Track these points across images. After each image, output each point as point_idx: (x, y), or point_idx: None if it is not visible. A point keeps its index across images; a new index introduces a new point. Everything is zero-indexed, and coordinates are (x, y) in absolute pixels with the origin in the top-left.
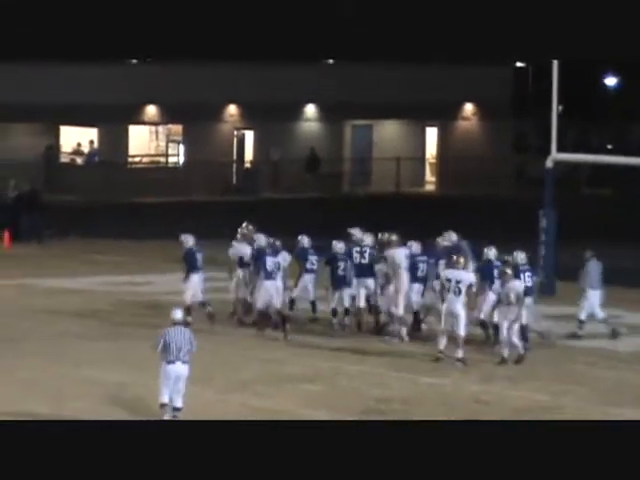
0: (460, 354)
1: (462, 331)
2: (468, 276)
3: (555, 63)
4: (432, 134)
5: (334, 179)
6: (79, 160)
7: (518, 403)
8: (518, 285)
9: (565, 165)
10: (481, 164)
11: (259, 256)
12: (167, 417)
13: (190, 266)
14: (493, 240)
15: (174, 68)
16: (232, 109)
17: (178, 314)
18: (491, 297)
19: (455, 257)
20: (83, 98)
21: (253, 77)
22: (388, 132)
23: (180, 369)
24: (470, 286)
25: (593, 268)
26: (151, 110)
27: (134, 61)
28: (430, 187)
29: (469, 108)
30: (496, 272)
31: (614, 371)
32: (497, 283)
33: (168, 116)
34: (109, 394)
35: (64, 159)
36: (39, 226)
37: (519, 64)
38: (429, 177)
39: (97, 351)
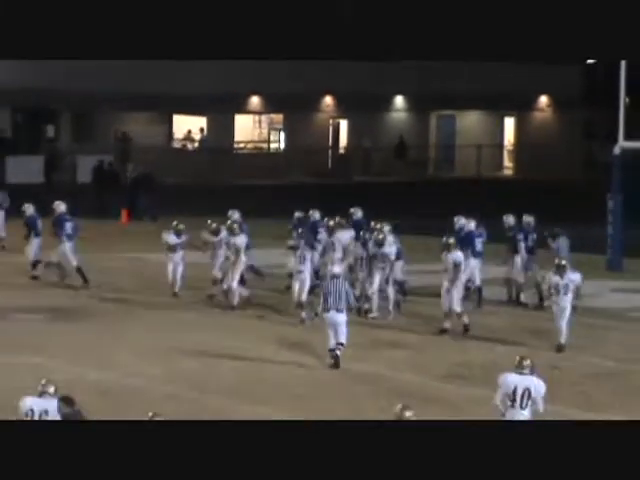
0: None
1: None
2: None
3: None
4: (510, 124)
5: (421, 164)
6: (189, 146)
7: (587, 369)
8: (578, 277)
9: (634, 152)
10: (555, 151)
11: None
12: (329, 361)
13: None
14: (563, 220)
15: (276, 62)
16: (328, 100)
17: (336, 269)
18: (472, 263)
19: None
20: (194, 89)
21: (348, 70)
22: (470, 121)
23: (335, 316)
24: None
25: (562, 245)
26: (255, 100)
27: None
28: (508, 172)
29: (544, 100)
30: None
31: None
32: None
33: (270, 106)
34: (215, 357)
35: (176, 145)
36: (154, 206)
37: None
38: (507, 163)
39: (206, 319)
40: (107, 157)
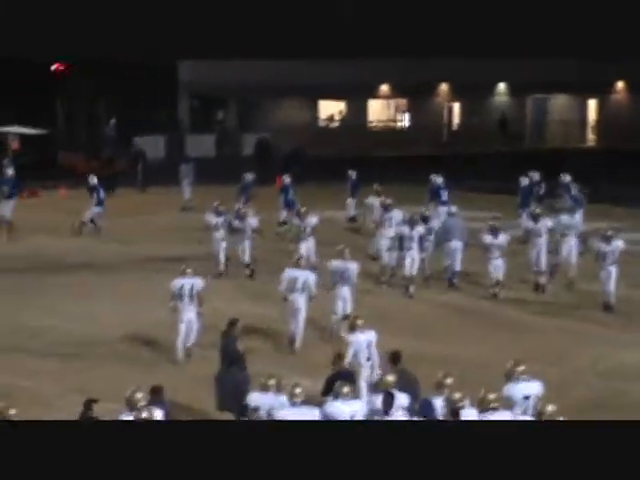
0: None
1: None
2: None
3: None
4: (592, 104)
5: (519, 138)
6: (332, 125)
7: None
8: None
9: None
10: (628, 125)
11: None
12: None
13: None
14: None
15: (403, 57)
16: (444, 87)
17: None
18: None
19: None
20: (335, 79)
21: (460, 63)
22: (559, 103)
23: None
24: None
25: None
26: (385, 88)
27: None
28: (591, 143)
29: (620, 85)
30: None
31: None
32: None
33: (397, 92)
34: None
35: (321, 124)
36: (303, 173)
37: None
38: (590, 136)
39: None
40: (266, 134)
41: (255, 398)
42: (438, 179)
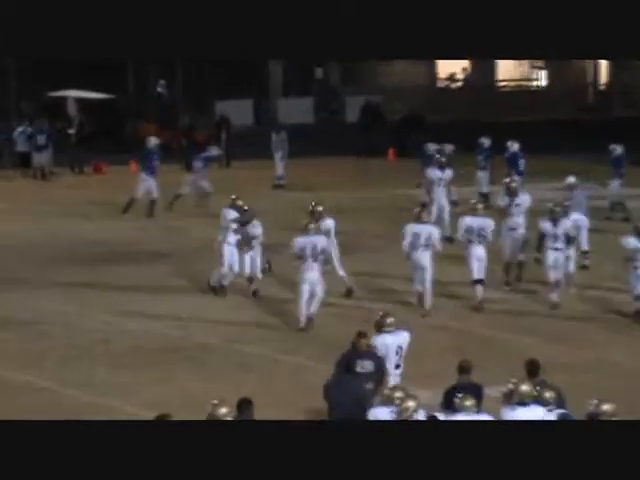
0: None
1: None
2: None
3: None
4: None
5: None
6: (453, 85)
7: None
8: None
9: None
10: None
11: None
12: None
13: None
14: None
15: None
16: None
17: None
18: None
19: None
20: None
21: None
22: None
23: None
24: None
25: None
26: None
27: None
28: None
29: None
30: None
31: None
32: None
33: None
34: None
35: (440, 84)
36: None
37: None
38: None
39: None
40: (374, 97)
41: (378, 413)
42: (514, 145)
